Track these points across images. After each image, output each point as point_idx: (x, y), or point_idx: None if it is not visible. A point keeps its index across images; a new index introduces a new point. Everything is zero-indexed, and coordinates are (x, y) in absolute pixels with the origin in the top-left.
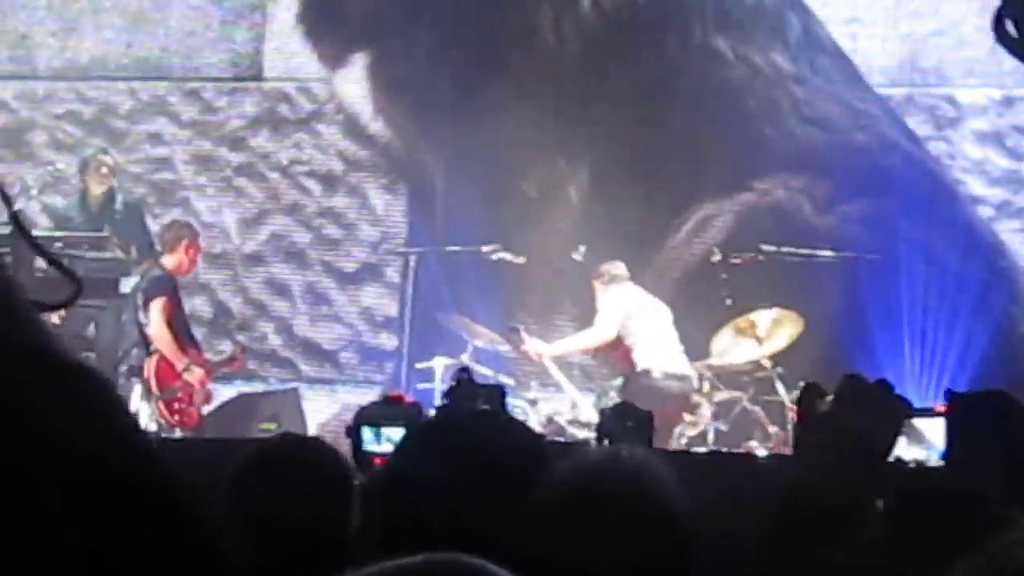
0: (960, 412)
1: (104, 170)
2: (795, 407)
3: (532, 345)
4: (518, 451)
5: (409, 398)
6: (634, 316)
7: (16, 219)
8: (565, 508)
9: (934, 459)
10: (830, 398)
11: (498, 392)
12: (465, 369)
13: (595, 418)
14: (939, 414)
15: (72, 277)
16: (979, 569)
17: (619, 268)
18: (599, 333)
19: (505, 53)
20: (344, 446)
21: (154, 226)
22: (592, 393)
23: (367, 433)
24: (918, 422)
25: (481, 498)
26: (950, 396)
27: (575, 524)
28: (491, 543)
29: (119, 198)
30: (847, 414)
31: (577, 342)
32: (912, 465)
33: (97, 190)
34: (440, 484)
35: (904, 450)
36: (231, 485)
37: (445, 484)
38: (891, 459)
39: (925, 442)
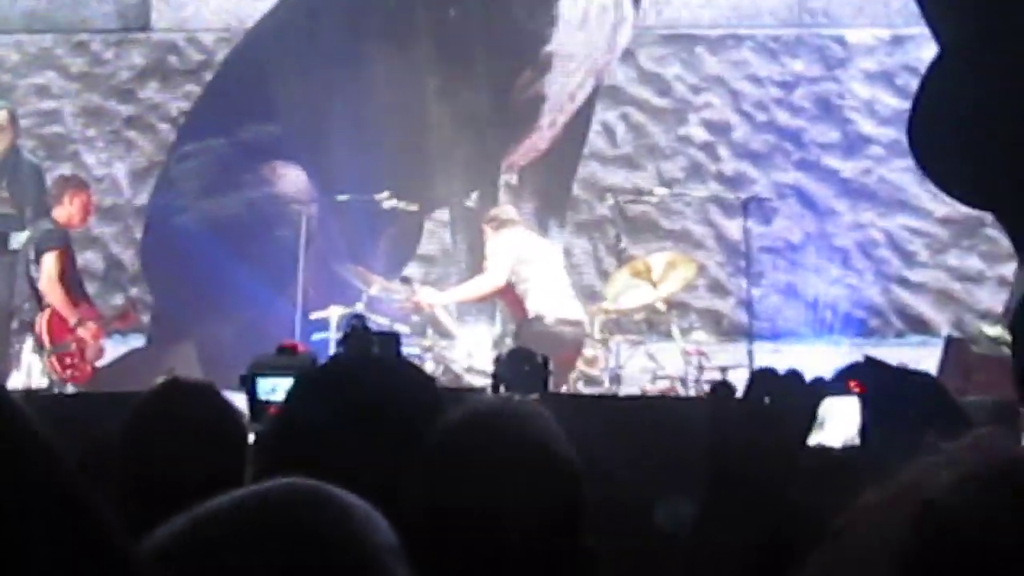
0: (879, 390)
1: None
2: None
3: (423, 295)
4: (409, 395)
5: (303, 347)
6: (525, 261)
7: None
8: (452, 454)
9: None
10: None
11: (393, 340)
12: (359, 316)
13: (491, 365)
14: (853, 392)
15: None
16: (896, 488)
17: (509, 212)
18: (489, 279)
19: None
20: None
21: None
22: (487, 323)
23: (262, 383)
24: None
25: (371, 443)
26: (868, 364)
27: (462, 470)
28: (382, 489)
29: (23, 155)
30: (760, 408)
31: (467, 290)
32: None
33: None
34: (329, 429)
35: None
36: (120, 440)
37: (334, 429)
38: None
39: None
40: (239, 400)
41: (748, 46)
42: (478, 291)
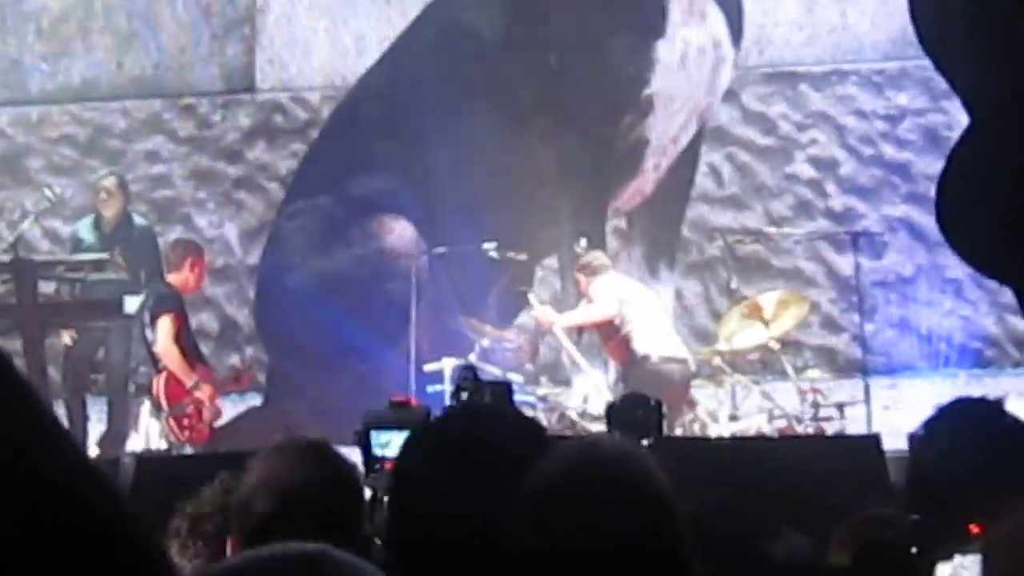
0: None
1: (103, 194)
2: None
3: (541, 312)
4: (519, 445)
5: (416, 400)
6: (627, 302)
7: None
8: (548, 498)
9: None
10: None
11: (505, 389)
12: (470, 368)
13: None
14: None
15: None
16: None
17: (601, 258)
18: (601, 308)
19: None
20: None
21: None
22: (601, 369)
23: (376, 438)
24: None
25: (484, 494)
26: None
27: (558, 512)
28: (492, 538)
29: (135, 220)
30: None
31: (582, 315)
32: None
33: (107, 213)
34: (441, 482)
35: None
36: (238, 495)
37: (446, 482)
38: None
39: None
40: (355, 455)
41: (852, 81)
42: (590, 317)
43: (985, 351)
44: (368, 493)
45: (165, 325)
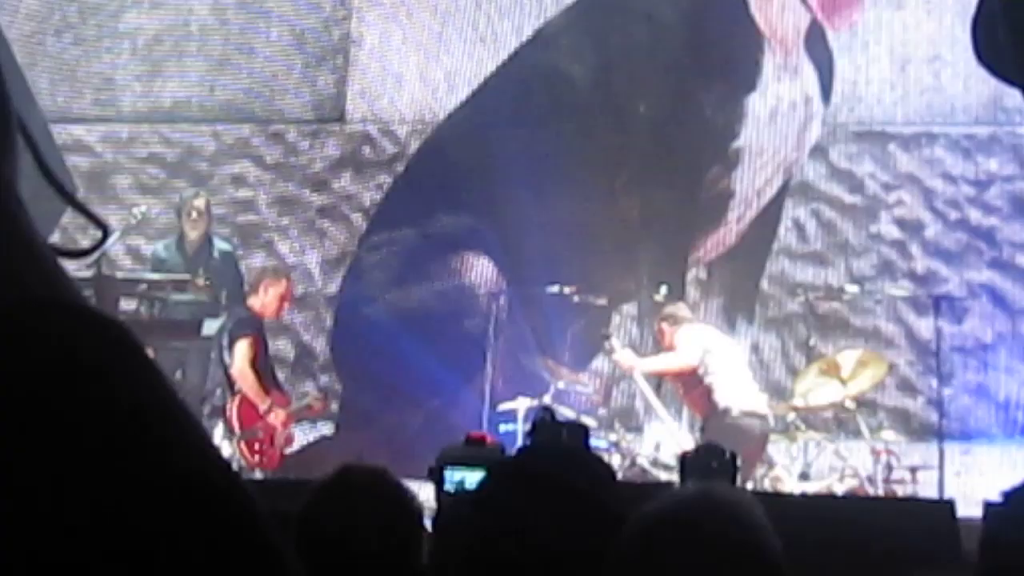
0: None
1: (194, 215)
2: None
3: (623, 356)
4: (597, 490)
5: (491, 438)
6: (710, 352)
7: (42, 164)
8: (657, 541)
9: None
10: None
11: (581, 431)
12: (547, 408)
13: (675, 460)
14: None
15: (98, 223)
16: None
17: (683, 310)
18: (683, 357)
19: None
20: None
21: (242, 268)
22: (675, 417)
23: (449, 474)
24: None
25: (562, 537)
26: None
27: (667, 557)
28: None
29: (216, 243)
30: None
31: (663, 361)
32: None
33: (192, 234)
34: (520, 524)
35: None
36: (298, 520)
37: (525, 523)
38: None
39: None
40: (427, 489)
41: (941, 144)
42: (672, 365)
43: None
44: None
45: (243, 349)
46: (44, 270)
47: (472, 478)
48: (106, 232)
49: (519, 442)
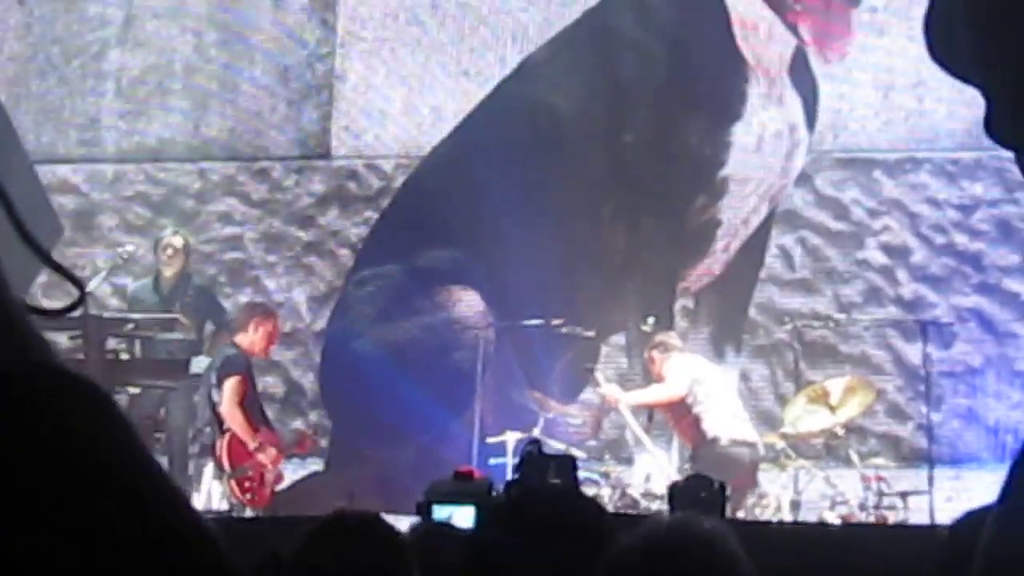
0: None
1: (170, 251)
2: None
3: (608, 389)
4: (589, 527)
5: (479, 473)
6: (700, 382)
7: (16, 220)
8: (633, 570)
9: None
10: None
11: (569, 463)
12: (534, 441)
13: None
14: None
15: (75, 282)
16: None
17: (673, 338)
18: (670, 389)
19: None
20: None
21: (227, 305)
22: (664, 448)
23: (437, 511)
24: None
25: (554, 568)
26: None
27: None
28: None
29: (193, 280)
30: None
31: (650, 394)
32: None
33: (168, 272)
34: (511, 564)
35: None
36: (291, 565)
37: (522, 562)
38: None
39: None
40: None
41: (926, 169)
42: (659, 396)
43: None
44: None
45: (231, 387)
46: (18, 332)
47: (460, 513)
48: (83, 291)
49: (509, 475)
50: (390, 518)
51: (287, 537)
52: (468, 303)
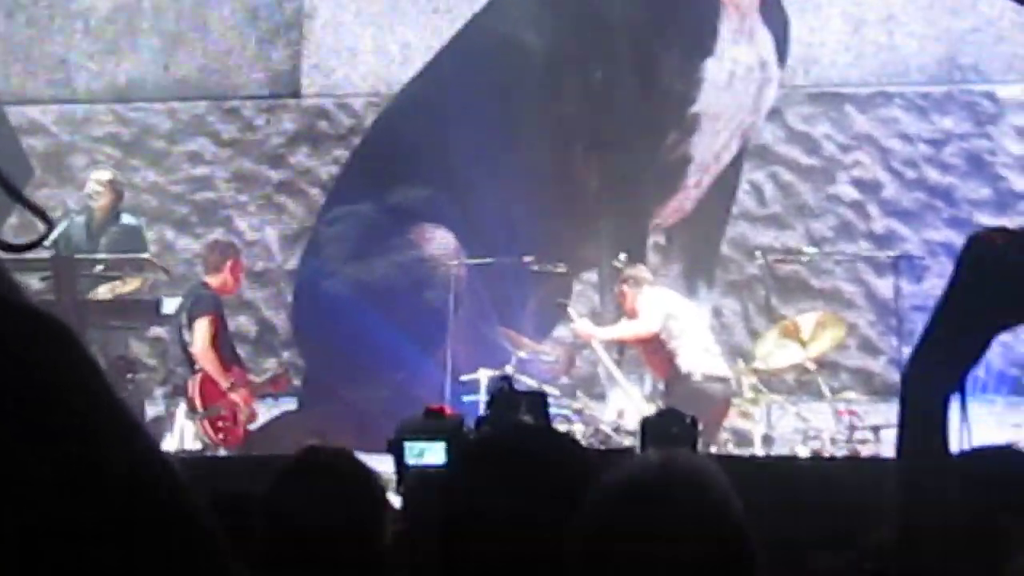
0: None
1: (95, 187)
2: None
3: (581, 325)
4: (565, 465)
5: (450, 410)
6: (673, 317)
7: None
8: (618, 511)
9: None
10: None
11: (540, 399)
12: (506, 378)
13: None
14: None
15: (44, 218)
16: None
17: (643, 271)
18: (644, 324)
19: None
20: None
21: (195, 245)
22: (637, 384)
23: (409, 447)
24: None
25: (532, 513)
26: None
27: (629, 526)
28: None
29: (123, 218)
30: None
31: (623, 329)
32: None
33: (96, 208)
34: (492, 503)
35: None
36: (264, 501)
37: (497, 503)
38: None
39: None
40: (387, 463)
41: (897, 103)
42: (633, 332)
43: (1023, 378)
44: (398, 502)
45: (203, 327)
46: None
47: (431, 449)
48: (50, 224)
49: (481, 412)
50: (363, 456)
51: (259, 476)
52: (440, 241)
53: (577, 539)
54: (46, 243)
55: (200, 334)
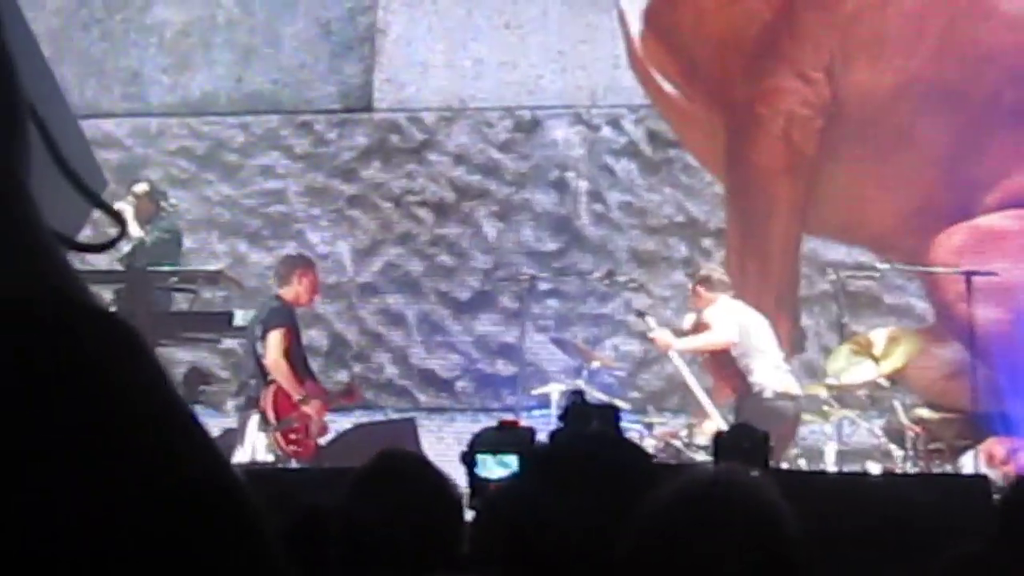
0: None
1: (132, 200)
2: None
3: (659, 334)
4: (632, 474)
5: (523, 423)
6: (745, 331)
7: (58, 158)
8: (669, 522)
9: None
10: None
11: (611, 412)
12: (578, 392)
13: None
14: None
15: (117, 218)
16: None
17: (720, 272)
18: (720, 335)
19: None
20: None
21: (268, 259)
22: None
23: (482, 459)
24: None
25: (596, 517)
26: None
27: (680, 537)
28: (602, 560)
29: (156, 228)
30: None
31: (701, 340)
32: None
33: (137, 220)
34: (558, 510)
35: None
36: (338, 511)
37: (563, 510)
38: None
39: None
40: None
41: None
42: (710, 342)
43: None
44: (472, 515)
45: (275, 338)
46: (50, 265)
47: (504, 462)
48: (124, 226)
49: (553, 426)
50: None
51: (330, 487)
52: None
53: (627, 545)
54: (120, 247)
55: (273, 346)
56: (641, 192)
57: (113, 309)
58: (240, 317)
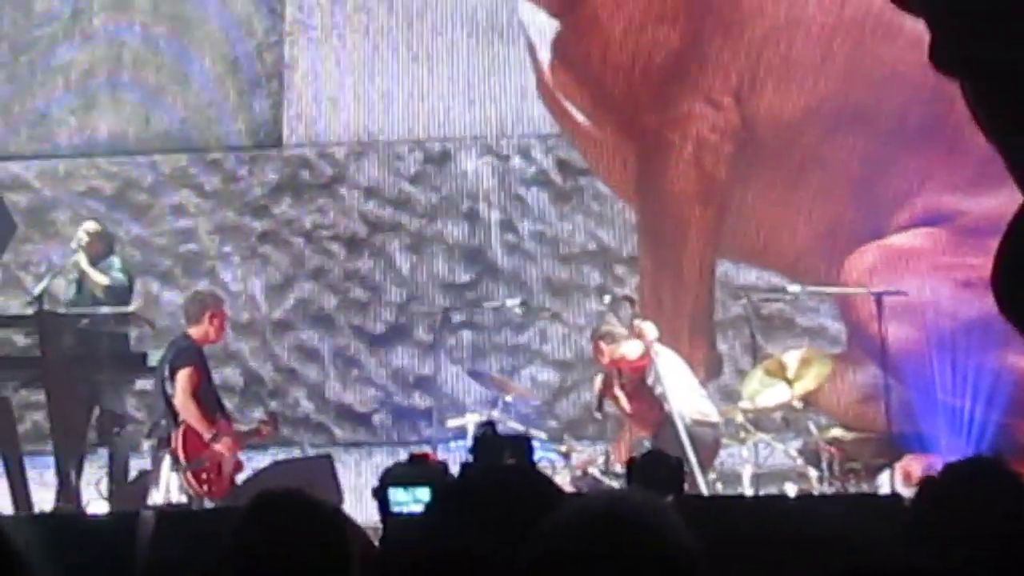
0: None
1: (82, 237)
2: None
3: (646, 328)
4: (540, 505)
5: (435, 456)
6: (658, 352)
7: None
8: (560, 552)
9: None
10: None
11: (524, 444)
12: (489, 423)
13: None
14: None
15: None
16: None
17: (618, 327)
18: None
19: None
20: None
21: (180, 298)
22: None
23: (394, 493)
24: None
25: (505, 552)
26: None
27: (570, 567)
28: None
29: (110, 271)
30: None
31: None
32: None
33: (84, 262)
34: (464, 542)
35: None
36: (227, 546)
37: (469, 542)
38: None
39: None
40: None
41: None
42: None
43: None
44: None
45: (184, 378)
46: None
47: (416, 496)
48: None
49: (465, 458)
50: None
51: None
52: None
53: (520, 570)
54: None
55: (181, 385)
56: (553, 221)
57: (26, 354)
58: (153, 358)
